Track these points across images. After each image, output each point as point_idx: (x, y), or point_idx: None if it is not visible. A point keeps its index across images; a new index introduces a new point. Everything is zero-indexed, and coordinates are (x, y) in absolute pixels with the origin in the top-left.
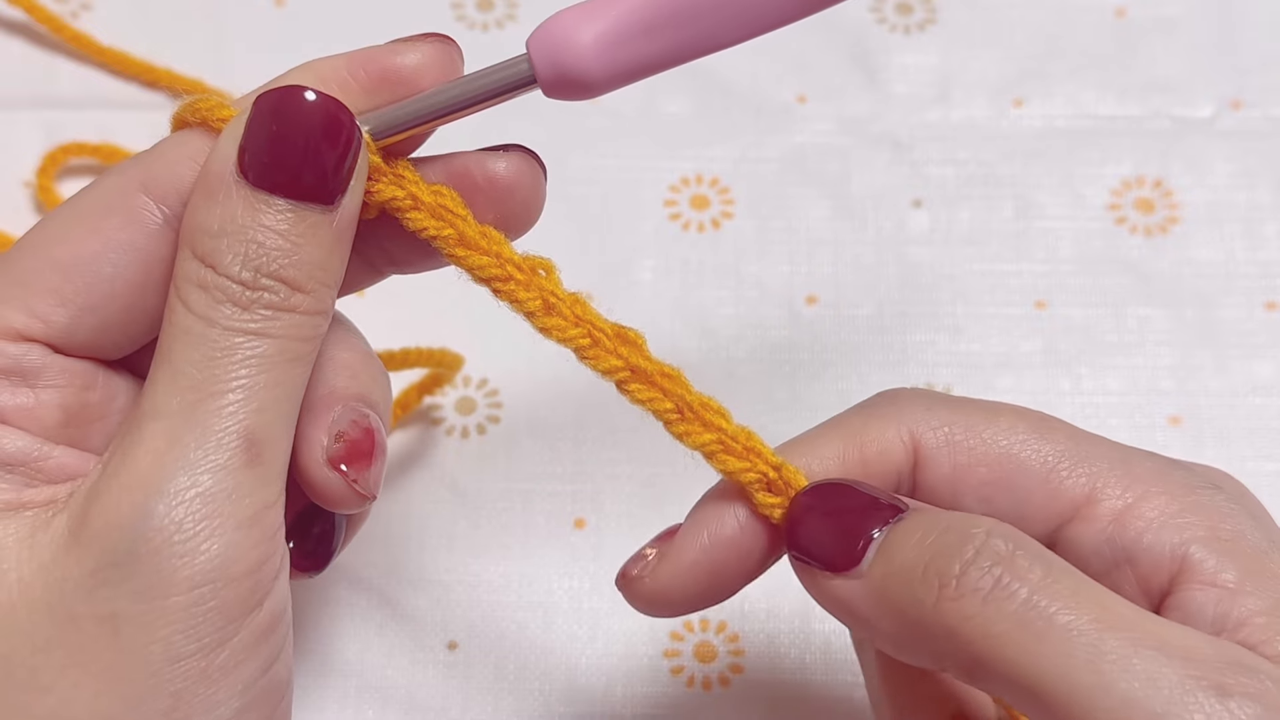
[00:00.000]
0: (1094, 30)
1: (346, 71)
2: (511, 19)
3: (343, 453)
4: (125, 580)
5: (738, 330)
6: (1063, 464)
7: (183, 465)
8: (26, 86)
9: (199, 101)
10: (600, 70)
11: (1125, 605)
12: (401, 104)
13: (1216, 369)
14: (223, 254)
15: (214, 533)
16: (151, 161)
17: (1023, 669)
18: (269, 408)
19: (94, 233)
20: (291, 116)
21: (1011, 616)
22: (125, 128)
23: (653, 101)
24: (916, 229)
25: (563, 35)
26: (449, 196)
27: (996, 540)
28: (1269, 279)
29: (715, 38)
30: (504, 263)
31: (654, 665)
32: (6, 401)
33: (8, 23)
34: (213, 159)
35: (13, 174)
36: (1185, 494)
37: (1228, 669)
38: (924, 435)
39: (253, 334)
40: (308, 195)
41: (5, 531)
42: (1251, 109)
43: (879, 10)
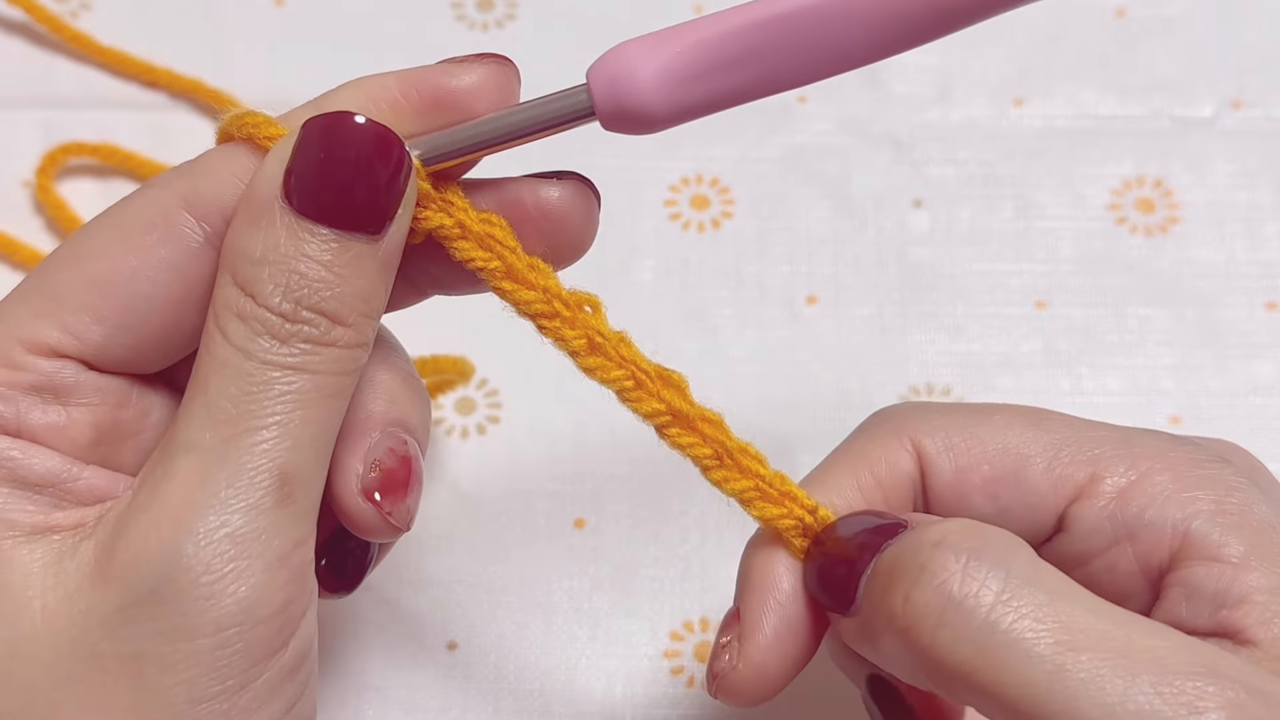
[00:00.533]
0: (1094, 30)
1: (398, 91)
2: (511, 18)
3: (378, 483)
4: (151, 620)
5: (738, 330)
6: (1064, 451)
7: (213, 504)
8: (26, 86)
9: (247, 117)
10: (663, 107)
11: (1094, 614)
12: (454, 129)
13: (1217, 369)
14: (263, 283)
15: (242, 574)
16: (196, 177)
17: (994, 696)
18: (304, 445)
19: (133, 249)
20: (340, 143)
21: (970, 642)
22: (125, 127)
23: None
24: (917, 229)
25: (626, 69)
26: (498, 226)
27: (944, 555)
28: (1269, 279)
29: (783, 79)
30: (551, 298)
31: (654, 665)
32: (38, 420)
33: (7, 22)
34: (258, 181)
35: (12, 174)
36: (1190, 469)
37: (1200, 680)
38: (924, 442)
39: (290, 369)
40: (353, 225)
41: (32, 556)
42: (1252, 109)
43: None
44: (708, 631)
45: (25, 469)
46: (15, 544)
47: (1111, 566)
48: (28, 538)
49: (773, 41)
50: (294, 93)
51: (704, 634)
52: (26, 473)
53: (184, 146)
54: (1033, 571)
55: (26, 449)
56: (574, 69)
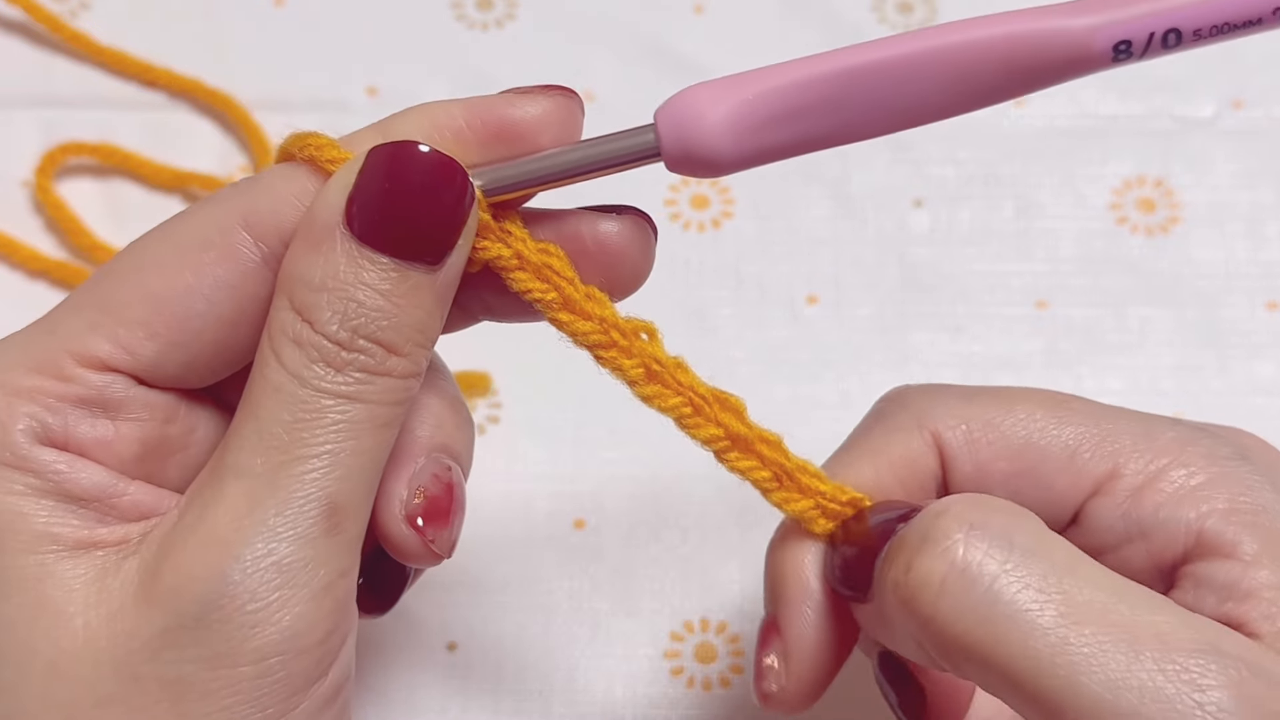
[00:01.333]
0: None
1: (463, 120)
2: (511, 18)
3: (421, 509)
4: (194, 645)
5: (738, 330)
6: (1084, 446)
7: (262, 531)
8: (25, 85)
9: (309, 138)
10: (729, 153)
11: (1098, 587)
12: (518, 162)
13: (1218, 369)
14: (321, 310)
15: (287, 604)
16: (256, 195)
17: (995, 668)
18: (353, 475)
19: (189, 266)
20: (405, 173)
21: (972, 613)
22: (124, 127)
23: (653, 100)
24: (917, 229)
25: (695, 112)
26: (556, 256)
27: (947, 522)
28: (1270, 279)
29: (852, 131)
30: (608, 328)
31: (654, 666)
32: (86, 433)
33: (6, 21)
34: (320, 206)
35: (11, 173)
36: (1207, 465)
37: (1203, 656)
38: (944, 435)
39: (343, 397)
40: (414, 255)
41: (75, 572)
42: (1253, 108)
43: (879, 9)
44: (708, 632)
45: (71, 483)
46: (58, 558)
47: (1124, 562)
48: (71, 552)
49: (844, 94)
50: (293, 92)
51: (704, 634)
52: (72, 486)
53: (183, 146)
54: (1038, 543)
55: (73, 462)
56: (574, 69)
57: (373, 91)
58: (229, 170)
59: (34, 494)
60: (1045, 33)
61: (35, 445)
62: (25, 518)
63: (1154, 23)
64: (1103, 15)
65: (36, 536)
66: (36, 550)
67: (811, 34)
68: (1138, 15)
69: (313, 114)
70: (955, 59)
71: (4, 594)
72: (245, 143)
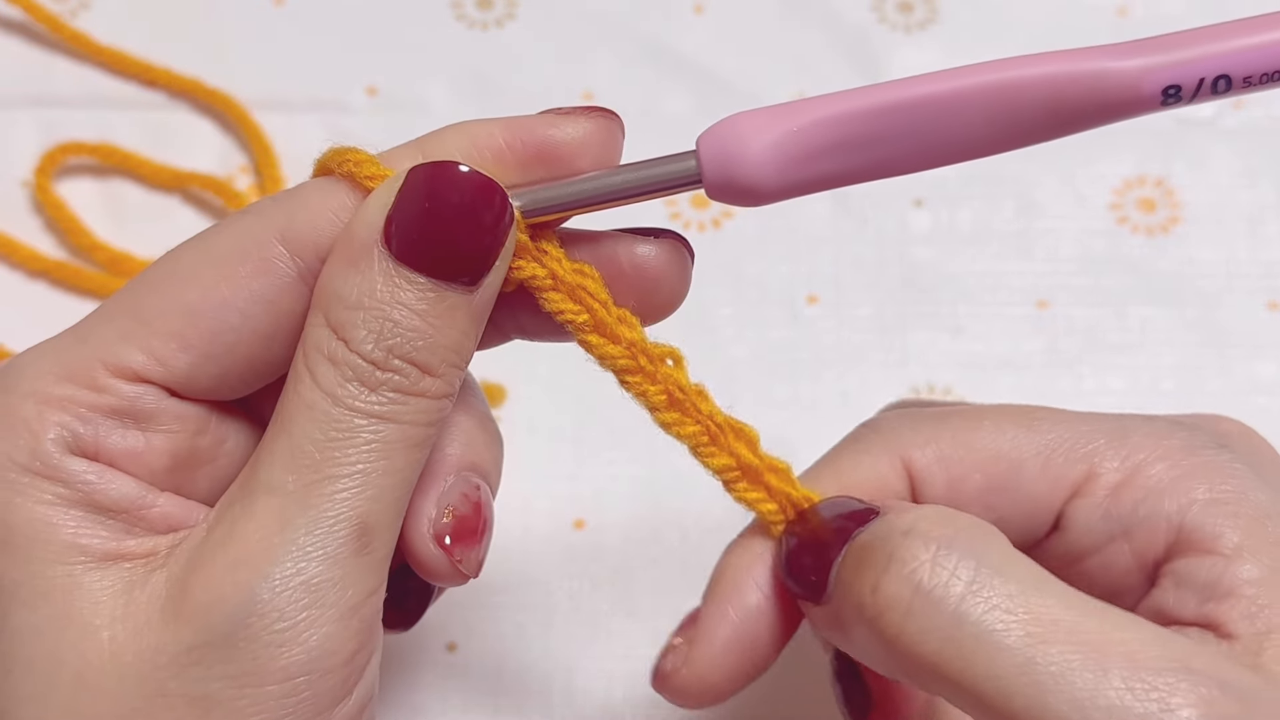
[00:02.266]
0: (1096, 29)
1: (503, 139)
2: (511, 18)
3: (449, 528)
4: (221, 663)
5: (738, 330)
6: (1058, 451)
7: (291, 550)
8: (24, 85)
9: (349, 153)
10: (772, 183)
11: (1066, 606)
12: (558, 184)
13: (1218, 369)
14: (356, 328)
15: (314, 623)
16: (293, 209)
17: (962, 687)
18: (384, 495)
19: (225, 279)
20: (445, 194)
21: (938, 633)
22: (123, 127)
23: (653, 101)
24: (917, 228)
25: (738, 141)
26: (591, 277)
27: (914, 543)
28: (1271, 278)
29: (897, 165)
30: (636, 353)
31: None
32: (116, 444)
33: (6, 21)
34: (358, 224)
35: (11, 173)
36: (1185, 457)
37: (1172, 675)
38: (913, 457)
39: (377, 417)
40: (451, 276)
41: (102, 584)
42: (1254, 107)
43: (880, 9)
44: None
45: (100, 494)
46: (86, 570)
47: (1108, 563)
48: (99, 564)
49: (890, 128)
50: (293, 92)
51: None
52: (101, 497)
53: (183, 146)
54: (1004, 561)
55: (103, 473)
56: (574, 69)
57: (373, 91)
58: (229, 170)
59: (63, 504)
60: (1095, 74)
61: (65, 455)
62: (54, 528)
63: (1205, 68)
64: (1153, 58)
65: (65, 547)
66: (65, 561)
67: (812, 34)
68: (1189, 59)
69: (312, 114)
70: (1002, 96)
71: (31, 604)
72: (245, 142)
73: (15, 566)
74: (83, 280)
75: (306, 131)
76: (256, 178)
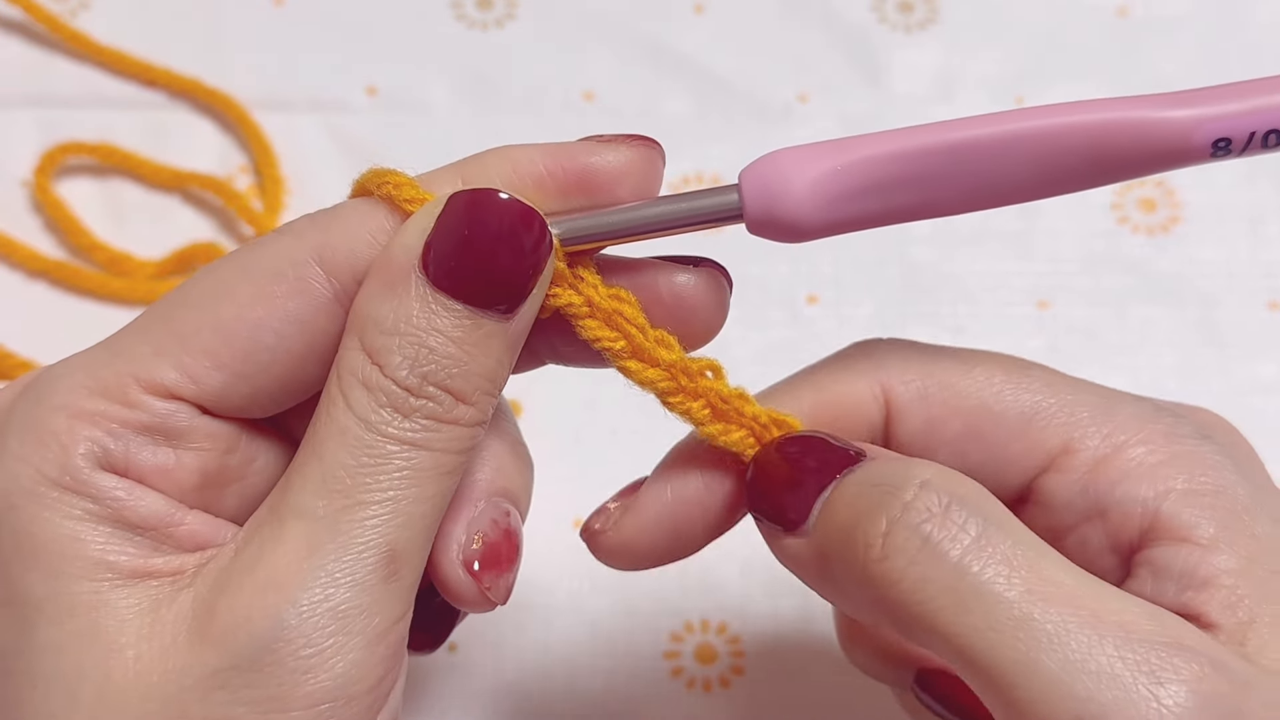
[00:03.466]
0: (1096, 29)
1: (544, 166)
2: (511, 18)
3: (479, 555)
4: (246, 688)
5: (738, 330)
6: (1040, 414)
7: (320, 576)
8: (24, 85)
9: (388, 175)
10: (813, 220)
11: (1066, 572)
12: (598, 214)
13: (1219, 369)
14: (392, 354)
15: (341, 650)
16: (331, 230)
17: (951, 638)
18: (414, 522)
19: (260, 298)
20: (484, 221)
21: (938, 582)
22: (123, 127)
23: (653, 100)
24: (918, 229)
25: (780, 178)
26: (627, 302)
27: (929, 495)
28: (1272, 278)
29: (939, 206)
30: (676, 374)
31: (654, 666)
32: (147, 461)
33: (6, 21)
34: (396, 248)
35: (10, 173)
36: (1167, 444)
37: (1165, 650)
38: (896, 388)
39: (409, 444)
40: (488, 303)
41: (128, 602)
42: None
43: (880, 9)
44: (708, 632)
45: (130, 510)
46: (112, 586)
47: (1082, 543)
48: (126, 581)
49: (933, 170)
50: (293, 92)
51: (704, 634)
52: (130, 514)
53: (183, 145)
54: (1008, 523)
55: (132, 489)
56: (574, 69)
57: (372, 91)
58: (228, 170)
59: (91, 519)
60: (1144, 123)
61: (95, 470)
62: (82, 543)
63: (1257, 121)
64: (1205, 109)
65: (92, 563)
66: (92, 577)
67: (812, 34)
68: (1241, 112)
69: (312, 114)
70: (1049, 142)
71: (57, 620)
72: (245, 142)
73: (42, 581)
74: (82, 280)
75: (306, 131)
76: (256, 178)
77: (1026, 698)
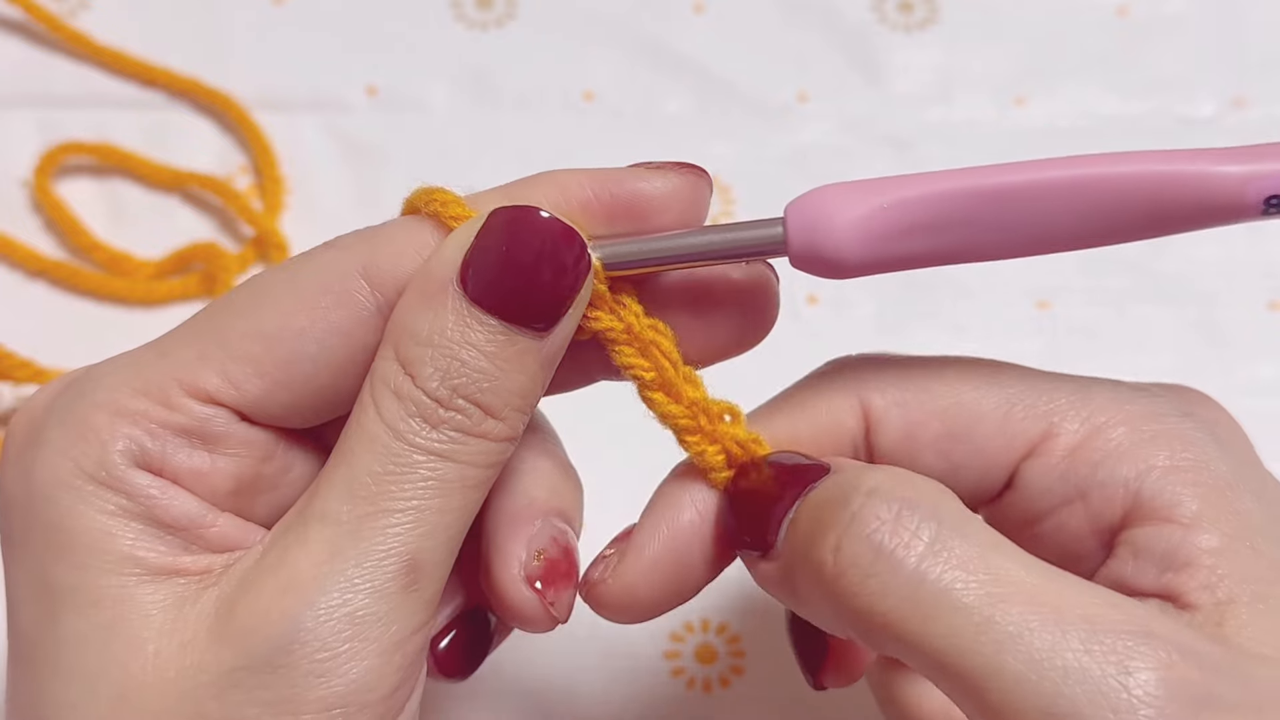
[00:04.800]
0: (1096, 28)
1: (590, 190)
2: (511, 18)
3: (540, 571)
4: (260, 688)
5: None
6: (1018, 405)
7: (339, 580)
8: (24, 85)
9: (436, 194)
10: (856, 257)
11: (1026, 568)
12: (641, 240)
13: (1219, 369)
14: (424, 365)
15: (355, 656)
16: (377, 245)
17: (917, 647)
18: (436, 533)
19: (305, 309)
20: (523, 240)
21: (897, 592)
22: (122, 126)
23: (653, 100)
24: None
25: (825, 214)
26: (664, 335)
27: (877, 503)
28: (1272, 279)
29: (984, 250)
30: (697, 413)
31: (654, 667)
32: (182, 463)
33: (5, 20)
34: (435, 261)
35: (10, 173)
36: (1147, 423)
37: (1131, 639)
38: (872, 399)
39: (436, 454)
40: (523, 320)
41: (154, 598)
42: (1254, 107)
43: (880, 9)
44: (708, 632)
45: (161, 509)
46: (139, 581)
47: (1062, 526)
48: (152, 577)
49: (980, 213)
50: (292, 92)
51: (704, 634)
52: (162, 513)
53: (182, 145)
54: (964, 523)
55: (165, 489)
56: (574, 69)
57: (372, 91)
58: (228, 170)
59: (123, 515)
60: (1197, 176)
61: (131, 467)
62: (112, 537)
63: None
64: (1258, 165)
65: (121, 558)
66: (120, 571)
67: (812, 34)
68: None
69: (312, 114)
70: (1099, 191)
71: (82, 611)
72: (244, 142)
73: (71, 572)
74: (82, 280)
75: (306, 131)
76: (256, 178)
77: (997, 700)
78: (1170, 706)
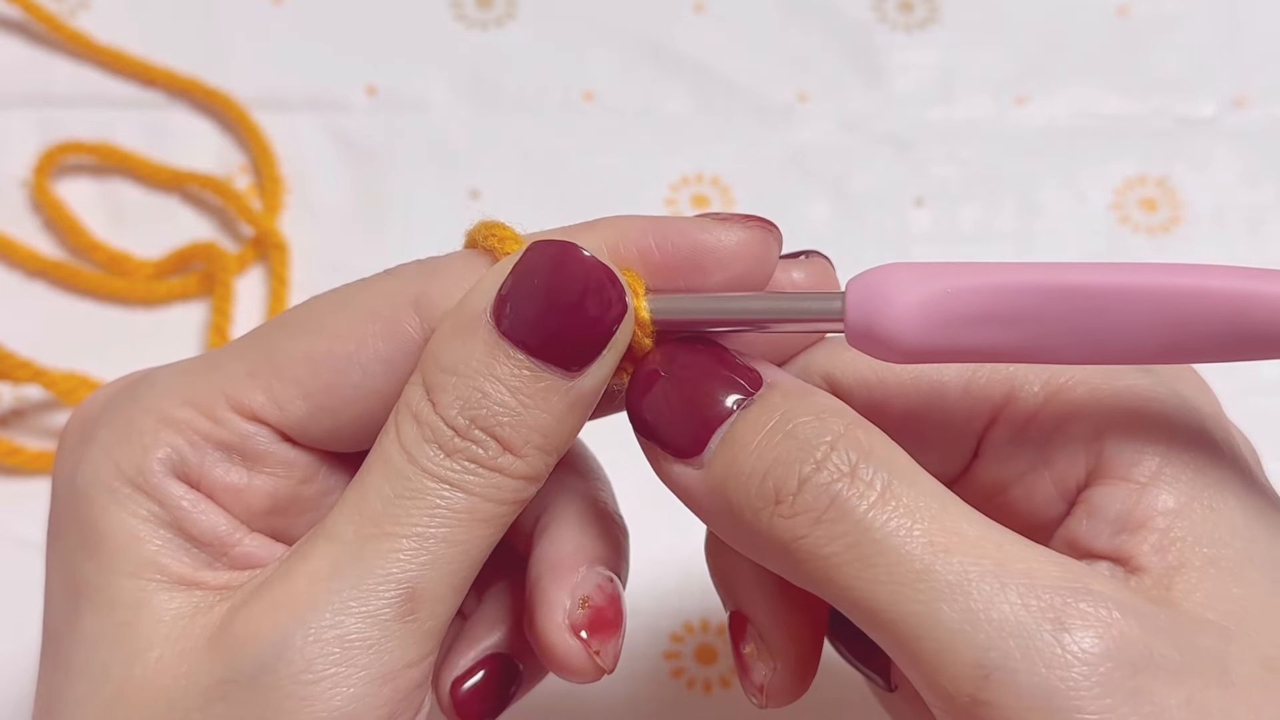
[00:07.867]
0: (1096, 28)
1: (652, 239)
2: (511, 18)
3: (586, 620)
4: (243, 704)
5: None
6: (980, 371)
7: (334, 601)
8: (23, 84)
9: (495, 228)
10: (913, 342)
11: (970, 522)
12: (696, 297)
13: (1219, 369)
14: (446, 391)
15: (341, 682)
16: (432, 276)
17: (852, 593)
18: (440, 564)
19: (354, 334)
20: (559, 275)
21: (842, 538)
22: (122, 126)
23: (653, 99)
24: (918, 228)
25: (886, 293)
26: None
27: (840, 453)
28: None
29: (1052, 353)
30: None
31: (654, 667)
32: (219, 478)
33: (5, 20)
34: (473, 292)
35: (9, 173)
36: (1108, 380)
37: (1070, 595)
38: (836, 378)
39: (447, 483)
40: (552, 359)
41: (169, 606)
42: (1255, 107)
43: (880, 9)
44: (708, 633)
45: (190, 521)
46: (158, 588)
47: (1030, 493)
48: (172, 585)
49: (1047, 311)
50: (292, 92)
51: (704, 635)
52: (191, 525)
53: (182, 145)
54: (914, 474)
55: (197, 502)
56: (574, 69)
57: (372, 91)
58: (227, 170)
59: (154, 521)
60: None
61: (168, 476)
62: (139, 541)
63: None
64: None
65: (144, 562)
66: (141, 575)
67: (812, 34)
68: None
69: (312, 114)
70: (1178, 303)
71: (100, 610)
72: (244, 142)
73: (97, 571)
74: (81, 280)
75: (306, 131)
76: (255, 177)
77: (930, 649)
78: (1105, 664)
